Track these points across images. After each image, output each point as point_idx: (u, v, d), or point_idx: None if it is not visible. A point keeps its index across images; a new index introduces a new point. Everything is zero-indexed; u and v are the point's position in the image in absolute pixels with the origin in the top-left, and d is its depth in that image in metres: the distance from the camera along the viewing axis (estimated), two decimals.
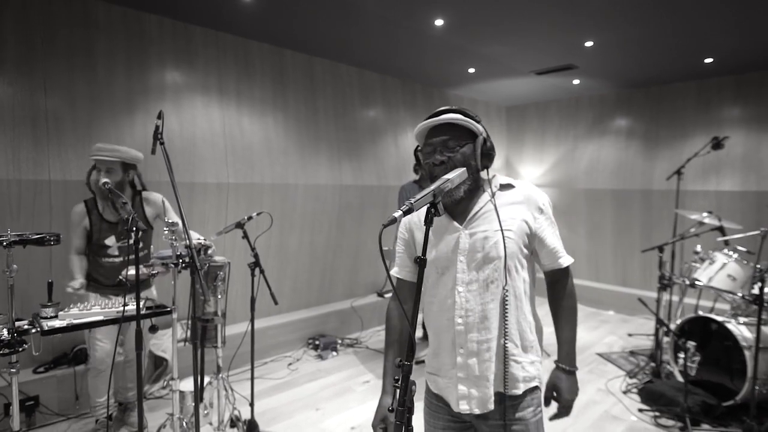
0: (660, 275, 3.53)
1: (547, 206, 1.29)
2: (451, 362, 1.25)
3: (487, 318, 1.20)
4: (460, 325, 1.22)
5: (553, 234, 1.28)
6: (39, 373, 2.82)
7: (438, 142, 1.22)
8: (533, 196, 1.27)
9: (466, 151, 1.21)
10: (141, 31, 3.25)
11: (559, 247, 1.30)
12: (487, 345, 1.21)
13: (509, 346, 1.21)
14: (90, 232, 2.49)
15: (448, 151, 1.21)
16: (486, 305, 1.21)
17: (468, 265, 1.22)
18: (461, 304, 1.22)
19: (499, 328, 1.21)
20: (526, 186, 1.30)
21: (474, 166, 1.21)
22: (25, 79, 2.78)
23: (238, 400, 2.85)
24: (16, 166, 2.73)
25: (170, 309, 2.04)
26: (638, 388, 3.22)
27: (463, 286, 1.22)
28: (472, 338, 1.21)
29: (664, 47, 3.87)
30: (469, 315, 1.21)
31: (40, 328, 1.73)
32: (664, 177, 4.87)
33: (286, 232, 4.16)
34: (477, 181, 1.26)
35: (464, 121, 1.22)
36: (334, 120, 4.48)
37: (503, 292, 1.20)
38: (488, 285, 1.21)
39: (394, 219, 0.98)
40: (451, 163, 1.20)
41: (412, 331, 0.99)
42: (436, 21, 3.33)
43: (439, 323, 1.28)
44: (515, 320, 1.22)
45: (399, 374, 0.99)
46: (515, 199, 1.26)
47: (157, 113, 1.95)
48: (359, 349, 4.11)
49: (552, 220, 1.29)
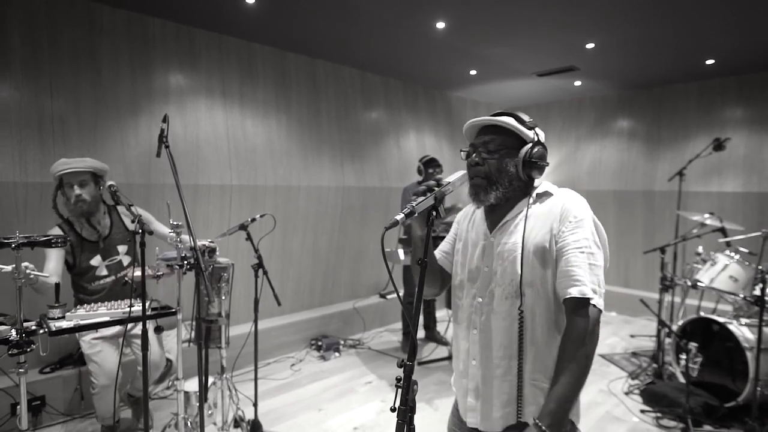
0: (662, 276, 3.53)
1: (581, 220, 1.08)
2: (464, 370, 1.23)
3: (503, 335, 1.14)
4: (475, 335, 1.19)
5: (577, 254, 1.06)
6: (45, 374, 2.84)
7: (479, 143, 1.19)
8: (566, 206, 1.11)
9: (507, 156, 1.15)
10: (144, 34, 3.28)
11: (581, 273, 1.04)
12: (498, 362, 1.15)
13: (526, 369, 1.11)
14: (72, 256, 2.32)
15: (487, 154, 1.17)
16: (503, 322, 1.14)
17: (491, 276, 1.17)
18: (479, 315, 1.18)
19: (514, 349, 1.12)
20: (564, 194, 1.16)
21: (513, 173, 1.15)
22: (31, 82, 2.81)
23: (242, 401, 2.87)
24: (23, 169, 2.76)
25: (175, 310, 2.06)
26: (640, 390, 3.22)
27: (483, 297, 1.18)
28: (486, 352, 1.17)
29: (665, 48, 3.88)
30: (485, 328, 1.17)
31: (47, 328, 1.76)
32: (666, 178, 4.88)
33: (289, 233, 4.18)
34: (517, 190, 1.18)
35: (510, 125, 1.15)
36: (336, 122, 4.50)
37: (519, 312, 1.11)
38: (506, 300, 1.13)
39: (396, 222, 1.00)
40: (486, 168, 1.16)
41: (414, 333, 1.00)
42: (437, 23, 3.35)
43: (460, 328, 1.26)
44: (532, 343, 1.11)
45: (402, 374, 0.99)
46: (546, 209, 1.14)
47: (162, 116, 1.98)
48: (361, 350, 4.13)
49: (585, 237, 1.07)
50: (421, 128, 5.37)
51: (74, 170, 2.22)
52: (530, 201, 1.17)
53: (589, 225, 1.10)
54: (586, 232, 1.08)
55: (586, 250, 1.07)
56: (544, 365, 1.11)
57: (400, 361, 1.01)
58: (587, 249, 1.07)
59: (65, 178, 2.24)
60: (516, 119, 1.17)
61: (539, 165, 1.15)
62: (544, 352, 1.11)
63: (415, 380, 1.02)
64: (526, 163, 1.14)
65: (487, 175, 1.17)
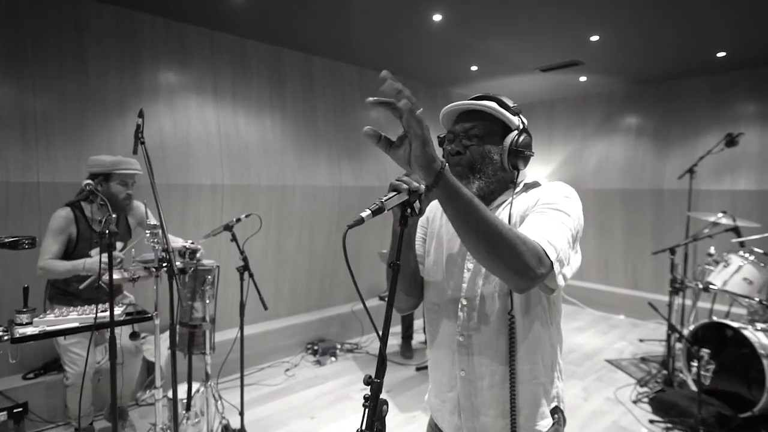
0: (672, 278, 3.37)
1: (553, 196, 0.98)
2: (449, 383, 1.09)
3: (496, 339, 1.02)
4: (461, 342, 1.05)
5: (541, 217, 0.94)
6: (29, 379, 2.76)
7: (460, 130, 1.06)
8: (544, 191, 1.02)
9: (491, 144, 1.04)
10: (133, 31, 3.19)
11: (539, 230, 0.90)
12: (494, 369, 1.02)
13: (523, 371, 1.01)
14: (76, 241, 2.31)
15: (468, 141, 1.05)
16: (494, 324, 1.02)
17: (475, 275, 1.05)
18: (464, 319, 1.05)
19: (507, 353, 1.01)
20: (554, 183, 1.05)
21: (497, 162, 1.04)
22: (13, 80, 2.73)
23: (230, 409, 2.76)
24: (3, 168, 2.68)
25: (151, 315, 1.96)
26: (649, 398, 3.06)
27: (467, 299, 1.05)
28: (478, 359, 1.04)
29: (673, 40, 3.72)
30: (475, 333, 1.04)
31: (10, 335, 1.66)
32: (675, 176, 4.69)
33: (283, 234, 4.07)
34: (501, 181, 1.06)
35: (493, 110, 1.03)
36: (333, 120, 4.39)
37: (507, 310, 1.01)
38: (497, 300, 1.02)
39: (362, 219, 0.86)
40: (469, 156, 1.04)
41: (383, 346, 0.88)
42: (434, 16, 3.23)
43: (440, 336, 1.11)
44: (527, 342, 1.02)
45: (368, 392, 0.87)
46: (531, 199, 1.02)
47: (149, 113, 1.87)
48: (359, 354, 4.00)
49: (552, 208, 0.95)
50: None
51: (136, 173, 2.38)
52: (516, 190, 1.05)
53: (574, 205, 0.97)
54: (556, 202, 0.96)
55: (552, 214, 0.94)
56: (543, 361, 1.03)
57: (367, 378, 0.88)
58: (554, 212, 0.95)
59: (121, 176, 2.34)
60: (499, 103, 1.06)
61: (525, 155, 1.04)
62: (540, 347, 1.03)
63: (385, 400, 0.89)
64: (512, 152, 1.02)
65: (470, 163, 1.05)
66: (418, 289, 1.16)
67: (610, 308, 5.32)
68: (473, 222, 0.82)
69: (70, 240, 2.30)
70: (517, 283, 0.86)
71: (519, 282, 0.86)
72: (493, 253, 0.83)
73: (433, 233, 1.18)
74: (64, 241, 2.28)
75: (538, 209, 0.97)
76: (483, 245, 0.83)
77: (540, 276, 0.85)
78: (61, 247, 2.27)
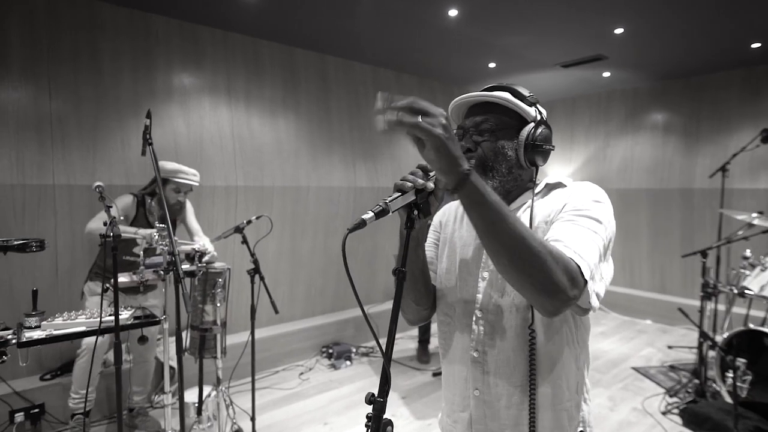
0: (703, 282, 3.19)
1: (582, 200, 0.88)
2: (462, 403, 1.00)
3: (515, 356, 0.92)
4: (476, 358, 0.96)
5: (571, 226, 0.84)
6: (46, 380, 2.78)
7: (470, 125, 0.97)
8: (571, 193, 0.92)
9: (504, 138, 0.94)
10: (147, 32, 3.20)
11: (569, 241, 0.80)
12: (512, 390, 0.93)
13: (544, 393, 0.92)
14: (130, 224, 2.48)
15: (479, 137, 0.95)
16: (513, 340, 0.92)
17: (491, 285, 0.95)
18: (479, 333, 0.96)
19: (527, 373, 0.91)
20: (582, 184, 0.95)
21: (512, 158, 0.95)
22: (29, 83, 2.75)
23: (242, 414, 2.72)
24: (20, 171, 2.70)
25: (159, 319, 1.92)
26: (680, 409, 2.89)
27: (482, 310, 0.96)
28: (494, 379, 0.94)
29: (704, 32, 3.53)
30: (490, 348, 0.94)
31: (17, 339, 1.64)
32: (706, 174, 4.47)
33: (298, 236, 4.03)
34: (517, 180, 0.97)
35: (507, 101, 0.94)
36: (348, 120, 4.33)
37: (527, 324, 0.91)
38: (516, 314, 0.92)
39: (363, 222, 0.78)
40: (480, 153, 0.95)
41: (386, 363, 0.79)
42: (449, 11, 3.13)
43: (452, 350, 1.02)
44: (549, 361, 0.92)
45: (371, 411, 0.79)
46: (555, 203, 0.93)
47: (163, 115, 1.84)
48: (374, 358, 3.93)
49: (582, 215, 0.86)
50: None
51: (191, 183, 2.56)
52: (536, 190, 0.96)
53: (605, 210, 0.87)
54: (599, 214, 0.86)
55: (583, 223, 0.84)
56: (567, 384, 0.93)
57: (369, 397, 0.80)
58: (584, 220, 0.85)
59: (176, 185, 2.53)
60: (513, 94, 0.95)
61: (544, 149, 0.93)
62: (565, 369, 0.93)
63: (389, 420, 0.81)
64: (528, 146, 0.92)
65: (482, 160, 0.95)
66: (429, 298, 1.05)
67: (635, 313, 5.11)
68: (499, 232, 0.73)
69: (128, 220, 2.50)
70: (546, 305, 0.76)
71: (548, 304, 0.76)
72: (520, 268, 0.74)
73: (446, 238, 1.08)
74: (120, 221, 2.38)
75: (566, 216, 0.87)
76: (508, 258, 0.74)
77: (572, 298, 0.76)
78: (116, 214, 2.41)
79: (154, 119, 3.19)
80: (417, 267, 0.98)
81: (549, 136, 0.95)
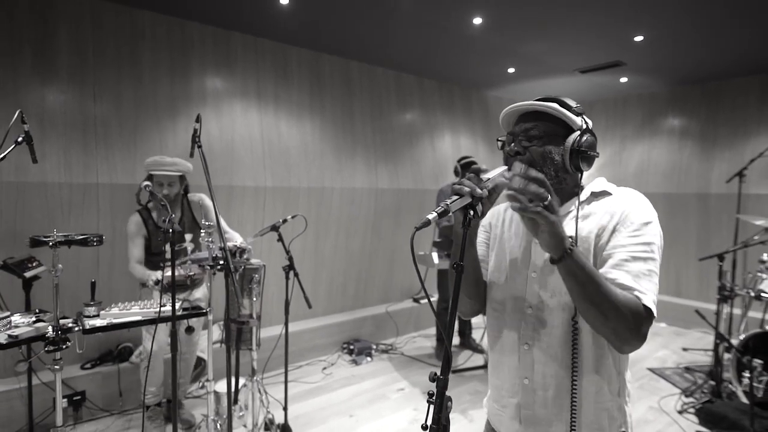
0: (720, 286, 3.25)
1: (633, 223, 0.97)
2: (511, 389, 1.09)
3: (558, 350, 1.01)
4: (526, 350, 1.05)
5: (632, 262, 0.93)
6: (86, 369, 2.93)
7: (519, 131, 1.05)
8: (627, 208, 0.99)
9: (552, 144, 1.02)
10: (183, 38, 3.35)
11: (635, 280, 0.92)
12: (556, 381, 1.02)
13: (588, 390, 1.00)
14: (149, 241, 2.57)
15: (528, 142, 1.03)
16: (555, 337, 1.01)
17: (540, 284, 1.04)
18: (527, 328, 1.05)
19: (571, 365, 1.00)
20: (627, 194, 1.03)
21: (559, 163, 1.02)
22: (76, 87, 2.91)
23: (273, 404, 2.85)
24: (67, 170, 2.86)
25: (206, 311, 2.05)
26: (696, 408, 2.96)
27: (530, 307, 1.05)
28: (544, 369, 1.03)
29: (722, 38, 3.59)
30: (539, 342, 1.03)
31: (81, 326, 1.78)
32: (723, 179, 4.52)
33: (321, 235, 4.16)
34: (563, 183, 1.05)
35: (555, 110, 1.01)
36: (370, 123, 4.45)
37: (573, 323, 0.99)
38: (561, 312, 1.01)
39: (428, 221, 0.90)
40: (528, 156, 1.02)
41: (448, 344, 0.91)
42: (474, 19, 3.24)
43: (501, 341, 1.11)
44: (593, 358, 1.00)
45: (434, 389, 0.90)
46: (604, 209, 1.02)
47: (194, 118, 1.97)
48: (394, 355, 4.04)
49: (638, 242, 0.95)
50: (456, 129, 5.25)
51: (167, 173, 2.47)
52: (583, 197, 1.05)
53: (656, 230, 0.98)
54: (652, 236, 0.97)
55: (641, 256, 0.95)
56: (609, 386, 1.02)
57: (433, 375, 0.91)
58: (644, 253, 0.95)
59: (156, 177, 2.47)
60: (561, 104, 1.04)
61: (589, 155, 1.01)
62: (606, 371, 1.02)
63: (449, 396, 0.92)
64: (574, 152, 1.00)
65: (530, 164, 1.03)
66: (481, 292, 1.16)
67: None
68: (589, 295, 0.89)
69: (145, 240, 2.58)
70: (622, 347, 0.94)
71: (623, 347, 0.94)
72: (604, 323, 0.90)
73: (495, 239, 1.18)
74: (141, 243, 2.56)
75: (622, 240, 0.96)
76: (594, 313, 0.90)
77: (644, 336, 0.92)
78: (141, 249, 2.55)
79: (188, 122, 3.35)
80: (470, 263, 1.08)
81: (594, 143, 1.02)
